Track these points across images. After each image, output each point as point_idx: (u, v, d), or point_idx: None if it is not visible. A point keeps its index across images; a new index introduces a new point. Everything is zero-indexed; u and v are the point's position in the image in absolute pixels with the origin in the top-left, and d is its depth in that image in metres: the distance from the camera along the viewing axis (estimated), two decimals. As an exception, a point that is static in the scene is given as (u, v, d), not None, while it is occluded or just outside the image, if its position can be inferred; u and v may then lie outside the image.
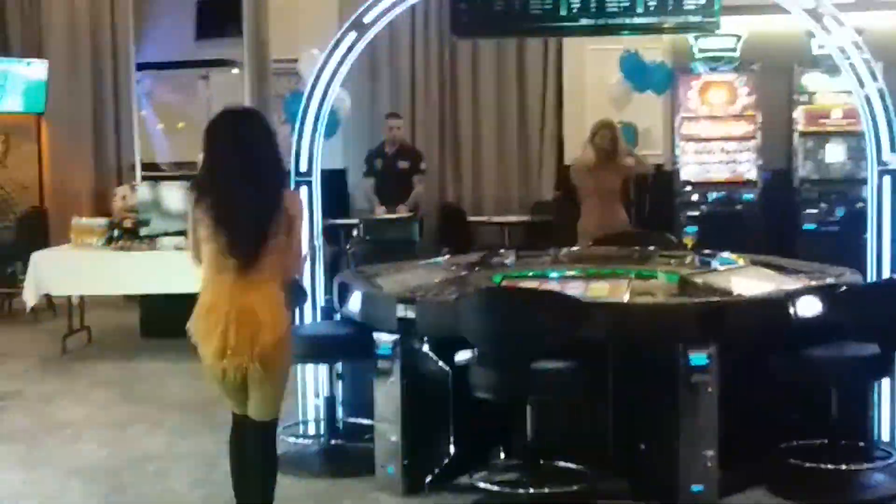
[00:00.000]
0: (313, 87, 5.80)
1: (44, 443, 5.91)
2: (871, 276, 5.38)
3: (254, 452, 4.08)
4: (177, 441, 5.83)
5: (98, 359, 7.96)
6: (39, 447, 5.83)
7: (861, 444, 5.11)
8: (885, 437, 5.26)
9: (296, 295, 5.28)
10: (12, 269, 9.77)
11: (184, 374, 6.90)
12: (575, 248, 6.53)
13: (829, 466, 4.81)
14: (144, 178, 10.06)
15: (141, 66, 11.28)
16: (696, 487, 4.58)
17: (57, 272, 8.12)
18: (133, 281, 7.98)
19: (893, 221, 5.36)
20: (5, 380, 7.38)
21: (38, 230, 9.89)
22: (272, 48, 10.90)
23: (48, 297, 8.93)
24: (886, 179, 5.40)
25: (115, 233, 8.22)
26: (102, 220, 8.46)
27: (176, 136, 11.91)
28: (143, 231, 8.20)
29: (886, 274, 5.33)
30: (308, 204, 5.78)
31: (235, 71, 11.82)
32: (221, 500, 4.87)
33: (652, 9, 5.80)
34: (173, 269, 7.36)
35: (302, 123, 5.80)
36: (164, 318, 8.27)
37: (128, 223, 8.33)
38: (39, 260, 8.15)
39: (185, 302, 4.06)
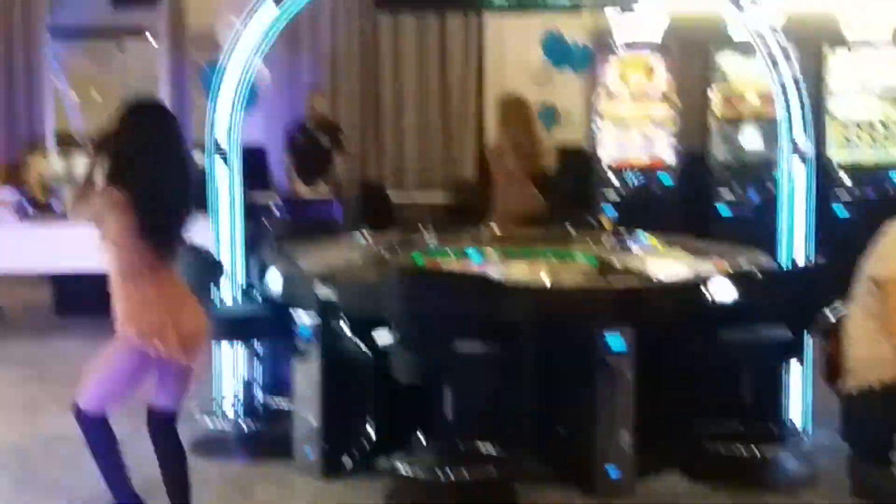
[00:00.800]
0: (229, 58, 5.70)
1: (-49, 425, 5.78)
2: (783, 261, 5.49)
3: (177, 445, 4.05)
4: (90, 422, 5.71)
5: (9, 337, 7.78)
6: (-53, 428, 5.70)
7: (773, 426, 5.22)
8: (797, 420, 5.40)
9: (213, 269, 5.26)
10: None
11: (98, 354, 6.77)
12: (495, 229, 6.55)
13: (742, 449, 4.91)
14: (58, 150, 9.81)
15: (54, 32, 10.99)
16: (612, 470, 4.65)
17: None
18: (46, 257, 7.78)
19: (808, 207, 5.47)
20: (-89, 359, 7.19)
21: (-56, 202, 9.60)
22: (190, 17, 10.70)
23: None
24: (799, 165, 5.50)
25: (27, 206, 8.03)
26: (13, 193, 8.25)
27: (91, 106, 11.66)
28: (57, 204, 8.02)
29: (798, 258, 5.45)
30: (228, 180, 5.70)
31: (152, 40, 11.60)
32: (134, 483, 4.82)
33: (572, -13, 5.83)
34: (88, 244, 7.20)
35: (219, 96, 5.69)
36: (78, 295, 8.14)
37: (40, 196, 8.14)
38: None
39: (100, 280, 4.01)
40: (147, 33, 11.52)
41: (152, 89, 10.69)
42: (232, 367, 5.68)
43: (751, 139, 9.74)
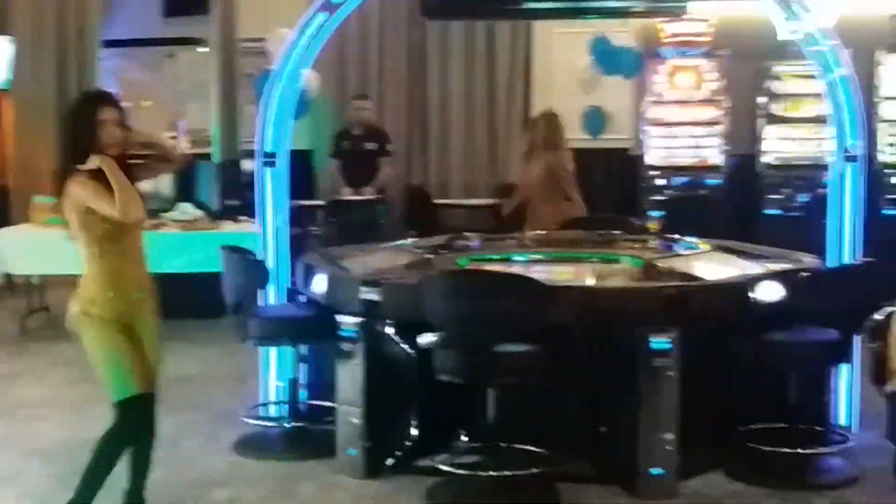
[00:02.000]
0: (282, 67, 5.76)
1: (2, 423, 5.86)
2: (832, 262, 5.42)
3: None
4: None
5: (58, 339, 7.84)
6: (-2, 427, 5.79)
7: (818, 428, 5.15)
8: (842, 421, 5.33)
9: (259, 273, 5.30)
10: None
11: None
12: (540, 232, 6.55)
13: (787, 450, 4.85)
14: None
15: (107, 44, 11.16)
16: (655, 470, 4.61)
17: (17, 251, 8.05)
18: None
19: (855, 208, 5.41)
20: (-36, 359, 7.33)
21: (-1, 208, 9.79)
22: (240, 27, 10.80)
23: (8, 276, 8.83)
24: (849, 166, 5.43)
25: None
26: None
27: (142, 115, 11.82)
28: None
29: (847, 260, 5.38)
30: (274, 185, 5.76)
31: (202, 49, 11.73)
32: (181, 482, 4.88)
33: (621, -8, 5.82)
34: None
35: (269, 104, 5.75)
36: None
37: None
38: (0, 238, 8.07)
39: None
40: (198, 42, 11.67)
41: (203, 97, 10.81)
42: (276, 368, 5.73)
43: (800, 141, 9.65)
